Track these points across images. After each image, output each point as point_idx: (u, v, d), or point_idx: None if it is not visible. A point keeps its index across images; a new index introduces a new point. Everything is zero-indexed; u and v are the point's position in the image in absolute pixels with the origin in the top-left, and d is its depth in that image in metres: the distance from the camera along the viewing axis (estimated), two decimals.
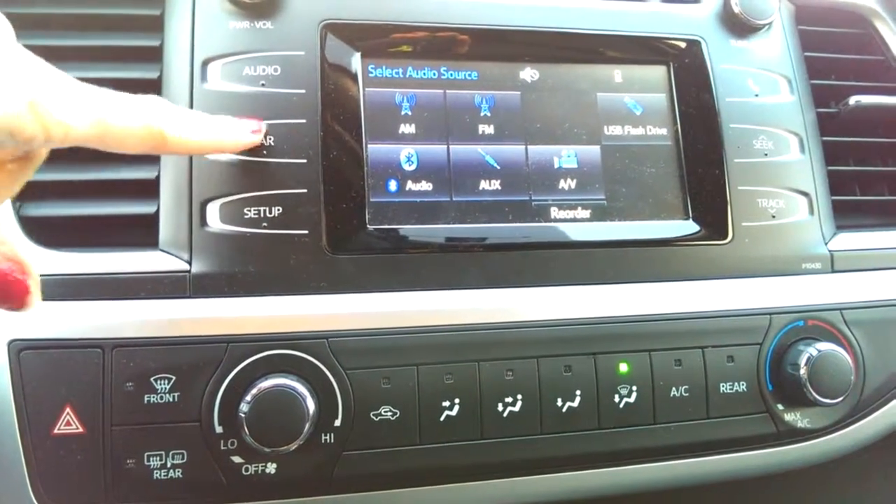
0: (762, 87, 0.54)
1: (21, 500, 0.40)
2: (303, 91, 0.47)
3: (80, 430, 0.40)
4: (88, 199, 0.45)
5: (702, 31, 0.54)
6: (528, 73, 0.52)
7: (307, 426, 0.40)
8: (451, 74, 0.50)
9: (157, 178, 0.45)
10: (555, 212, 0.49)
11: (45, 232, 0.44)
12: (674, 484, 0.47)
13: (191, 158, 0.45)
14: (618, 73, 0.53)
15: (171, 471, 0.40)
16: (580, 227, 0.49)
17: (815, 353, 0.47)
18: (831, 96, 0.58)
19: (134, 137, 0.33)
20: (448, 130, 0.49)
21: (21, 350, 0.40)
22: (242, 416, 0.39)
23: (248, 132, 0.42)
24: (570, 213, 0.49)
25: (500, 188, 0.49)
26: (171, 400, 0.40)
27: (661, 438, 0.46)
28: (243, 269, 0.44)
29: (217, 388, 0.41)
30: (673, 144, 0.52)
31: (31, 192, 0.44)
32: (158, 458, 0.40)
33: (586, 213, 0.49)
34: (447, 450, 0.43)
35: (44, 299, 0.42)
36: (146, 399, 0.40)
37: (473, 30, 0.51)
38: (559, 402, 0.44)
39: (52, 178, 0.45)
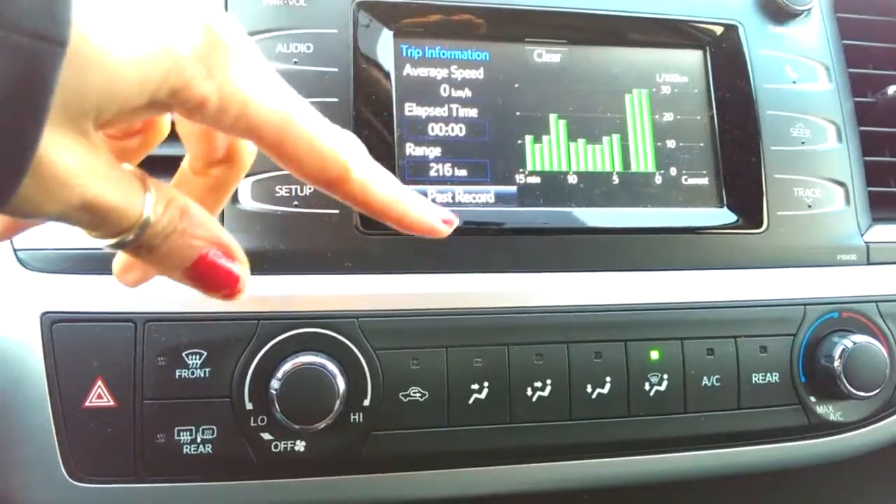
0: (800, 74, 0.53)
1: (51, 472, 0.40)
2: (335, 69, 0.46)
3: (112, 403, 0.40)
4: None
5: (739, 16, 0.53)
6: (563, 55, 0.51)
7: (337, 404, 0.40)
8: (485, 55, 0.50)
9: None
10: (588, 197, 0.48)
11: None
12: (703, 474, 0.47)
13: None
14: (652, 56, 0.52)
15: (201, 446, 0.40)
16: (613, 213, 0.48)
17: (849, 345, 0.46)
18: (869, 85, 0.57)
19: (315, 152, 0.26)
20: (483, 111, 0.49)
21: (54, 322, 0.40)
22: (274, 392, 0.39)
23: (439, 219, 0.32)
24: (603, 199, 0.48)
25: (534, 171, 0.48)
26: (202, 375, 0.40)
27: (692, 428, 0.45)
28: (274, 247, 0.43)
29: (248, 364, 0.41)
30: (708, 131, 0.51)
31: None
32: (188, 434, 0.40)
33: (619, 199, 0.49)
34: (475, 433, 0.43)
35: (78, 273, 0.43)
36: (177, 374, 0.40)
37: (509, 10, 0.50)
38: (589, 389, 0.44)
39: None
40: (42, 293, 0.41)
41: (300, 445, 0.41)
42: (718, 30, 0.52)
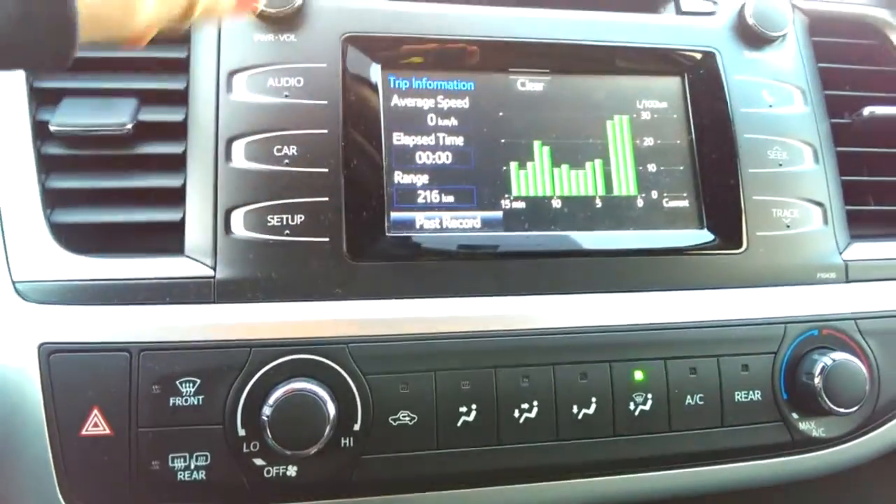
0: (776, 97, 0.55)
1: (48, 499, 0.41)
2: (325, 102, 0.48)
3: (108, 431, 0.41)
4: (118, 207, 0.46)
5: (716, 43, 0.55)
6: (546, 84, 0.52)
7: (327, 430, 0.41)
8: (470, 85, 0.52)
9: (184, 186, 0.47)
10: (572, 221, 0.50)
11: (74, 238, 0.45)
12: (688, 492, 0.47)
13: (216, 167, 0.47)
14: (632, 83, 0.53)
15: (195, 472, 0.41)
16: (595, 236, 0.49)
17: (829, 362, 0.47)
18: (845, 107, 0.59)
19: None
20: (469, 139, 0.50)
21: (51, 353, 0.41)
22: (265, 419, 0.40)
23: None
24: (587, 223, 0.50)
25: (519, 196, 0.50)
26: (195, 403, 0.41)
27: (676, 446, 0.46)
28: (266, 276, 0.45)
29: (240, 391, 0.42)
30: (688, 154, 0.52)
31: (62, 199, 0.46)
32: (182, 460, 0.41)
33: (603, 223, 0.50)
34: (464, 455, 0.44)
35: (74, 304, 0.44)
36: (171, 402, 0.41)
37: (492, 42, 0.52)
38: (574, 409, 0.45)
39: (83, 186, 0.46)
40: (39, 324, 0.42)
41: (292, 471, 0.42)
42: (696, 56, 0.54)
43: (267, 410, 0.40)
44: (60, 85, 0.48)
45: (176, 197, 0.47)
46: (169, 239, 0.46)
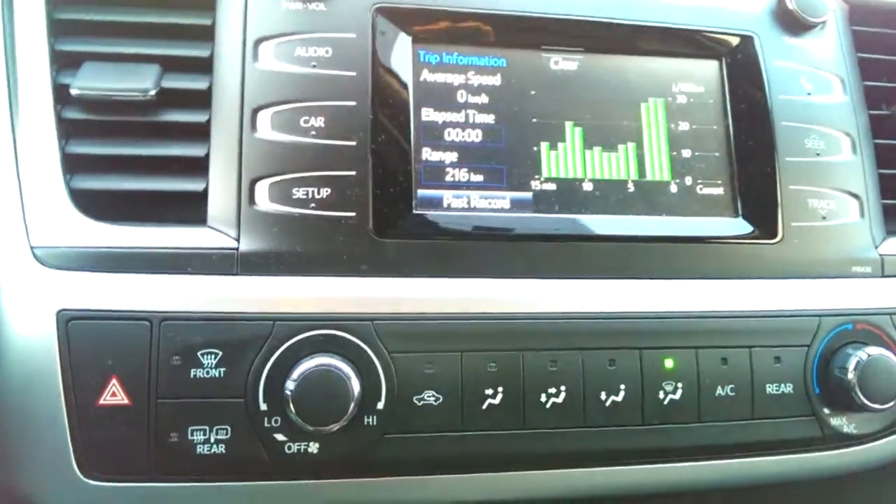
0: (815, 85, 0.53)
1: (64, 469, 0.40)
2: (353, 73, 0.47)
3: (126, 401, 0.40)
4: (139, 175, 0.45)
5: (755, 27, 0.53)
6: (579, 63, 0.51)
7: (351, 406, 0.40)
8: (502, 62, 0.50)
9: (207, 155, 0.46)
10: (603, 205, 0.48)
11: (95, 205, 0.44)
12: (716, 484, 0.46)
13: (241, 137, 0.46)
14: (668, 66, 0.52)
15: (214, 446, 0.40)
16: (627, 221, 0.48)
17: (864, 357, 0.46)
18: (884, 98, 0.57)
19: None
20: (499, 117, 0.49)
21: (70, 320, 0.40)
22: (289, 393, 0.39)
23: None
24: (618, 207, 0.48)
25: (549, 177, 0.48)
26: (216, 375, 0.40)
27: (705, 437, 0.45)
28: (290, 249, 0.43)
29: (263, 365, 0.41)
30: (724, 140, 0.51)
31: (83, 165, 0.45)
32: (202, 433, 0.40)
33: (634, 208, 0.49)
34: (488, 438, 0.43)
35: (94, 271, 0.43)
36: (192, 373, 0.40)
37: (526, 17, 0.50)
38: (603, 396, 0.44)
39: (103, 153, 0.45)
40: (58, 291, 0.41)
41: (314, 447, 0.41)
42: (734, 40, 0.53)
43: (290, 385, 0.39)
44: (82, 48, 0.47)
45: (199, 166, 0.45)
46: (191, 209, 0.45)
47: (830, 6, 0.54)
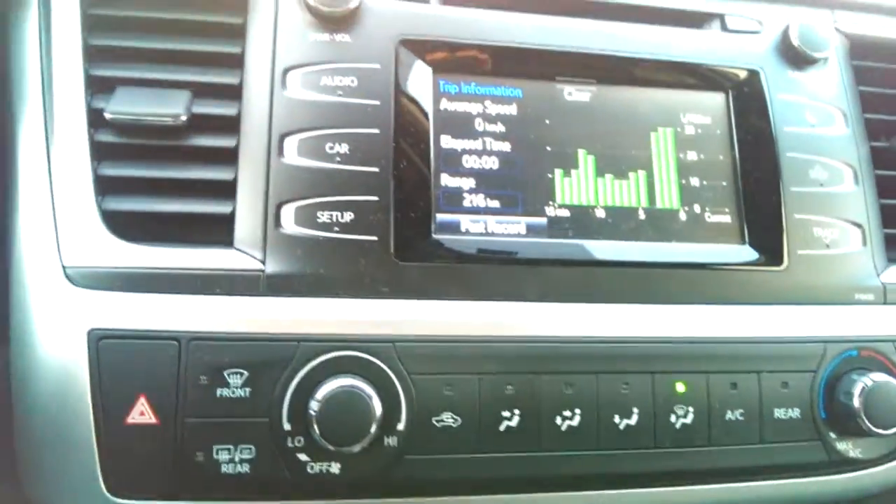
0: (818, 118, 0.55)
1: (91, 487, 0.41)
2: (377, 102, 0.48)
3: (153, 420, 0.41)
4: (169, 197, 0.47)
5: (761, 62, 0.55)
6: (592, 94, 0.53)
7: (373, 427, 0.41)
8: (518, 92, 0.52)
9: (235, 179, 0.47)
10: (615, 231, 0.50)
11: (125, 225, 0.45)
12: None
13: (268, 161, 0.47)
14: (677, 97, 0.54)
15: (239, 465, 0.41)
16: (638, 247, 0.50)
17: (869, 383, 0.47)
18: (883, 131, 0.59)
19: None
20: (515, 145, 0.51)
21: (100, 339, 0.41)
22: (313, 413, 0.40)
23: None
24: (630, 233, 0.50)
25: (563, 204, 0.50)
26: (242, 395, 0.41)
27: (715, 461, 0.46)
28: (314, 271, 0.45)
29: (287, 385, 0.42)
30: (731, 170, 0.53)
31: (114, 187, 0.47)
32: (227, 453, 0.41)
33: (645, 234, 0.50)
34: (506, 460, 0.44)
35: (124, 290, 0.44)
36: (219, 393, 0.41)
37: (541, 50, 0.52)
38: (616, 419, 0.45)
39: (135, 175, 0.47)
40: (89, 310, 0.42)
41: (335, 467, 0.42)
42: (741, 74, 0.55)
43: (314, 405, 0.40)
44: (116, 74, 0.49)
45: (227, 189, 0.47)
46: (218, 231, 0.46)
47: (832, 42, 0.57)
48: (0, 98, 0.50)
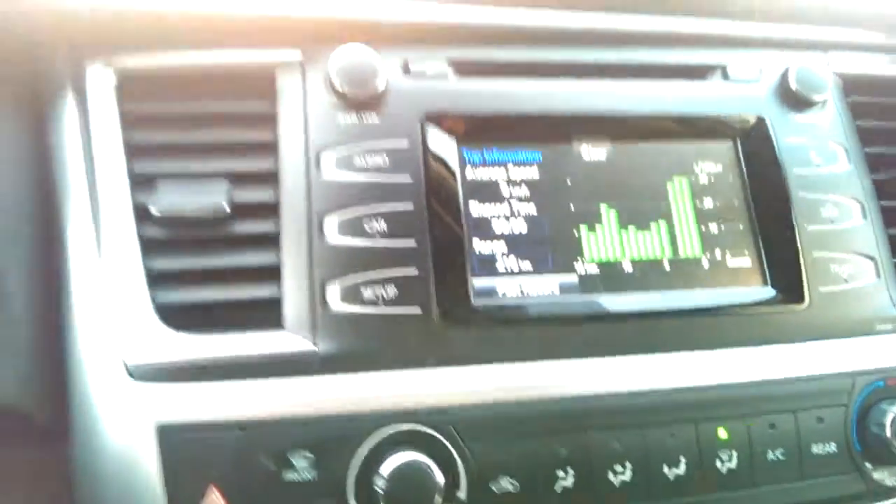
0: (823, 157, 0.58)
1: None
2: (409, 177, 0.51)
3: None
4: (217, 285, 0.49)
5: (764, 108, 0.58)
6: (608, 151, 0.56)
7: (437, 498, 0.42)
8: (537, 155, 0.55)
9: (279, 262, 0.49)
10: (644, 282, 0.52)
11: (177, 316, 0.47)
12: None
13: (310, 243, 0.49)
14: (689, 148, 0.57)
15: None
16: (668, 297, 0.52)
17: None
18: (883, 163, 0.62)
19: None
20: (540, 207, 0.53)
21: (167, 432, 0.43)
22: (380, 491, 0.42)
23: None
24: (657, 284, 0.52)
25: (591, 260, 0.52)
26: (309, 478, 0.43)
27: (763, 500, 0.48)
28: (364, 347, 0.47)
29: (351, 463, 0.43)
30: (746, 214, 0.56)
31: (165, 280, 0.48)
32: None
33: (673, 283, 0.53)
34: None
35: (184, 381, 0.45)
36: (286, 477, 0.42)
37: (557, 115, 0.55)
38: (665, 469, 0.47)
39: (183, 267, 0.49)
40: (153, 404, 0.44)
41: None
42: (746, 122, 0.58)
43: (380, 482, 0.42)
44: (156, 169, 0.51)
45: (272, 273, 0.49)
46: (267, 313, 0.48)
47: (830, 82, 0.60)
48: (34, 190, 0.52)
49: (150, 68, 0.53)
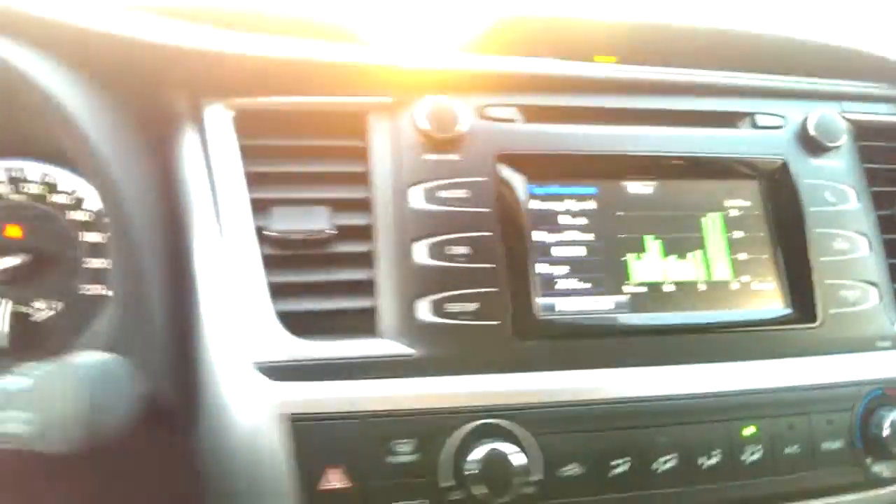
0: (836, 196, 0.67)
1: None
2: (487, 210, 0.60)
3: (341, 486, 0.51)
4: (323, 295, 0.57)
5: (786, 153, 0.68)
6: (654, 188, 0.65)
7: (516, 480, 0.51)
8: (594, 190, 0.63)
9: (374, 278, 0.58)
10: (682, 302, 0.61)
11: (294, 322, 0.56)
12: None
13: (401, 263, 0.58)
14: (722, 186, 0.66)
15: None
16: (703, 315, 0.61)
17: (895, 417, 0.59)
18: (886, 199, 0.71)
19: None
20: (595, 235, 0.62)
21: (293, 421, 0.52)
22: (470, 473, 0.51)
23: None
24: (694, 303, 0.62)
25: (638, 283, 0.61)
26: (411, 460, 0.51)
27: (779, 487, 0.58)
28: (451, 353, 0.56)
29: (444, 450, 0.52)
30: (770, 245, 0.65)
31: (283, 291, 0.57)
32: None
33: (707, 303, 0.62)
34: (619, 500, 0.55)
35: (305, 380, 0.54)
36: (392, 460, 0.51)
37: (610, 155, 0.64)
38: (700, 461, 0.56)
39: (296, 280, 0.57)
40: (280, 398, 0.52)
41: None
42: (771, 164, 0.67)
43: (471, 465, 0.51)
44: (271, 196, 0.59)
45: (370, 288, 0.58)
46: (363, 322, 0.57)
47: (844, 130, 0.69)
48: (166, 212, 0.60)
49: (262, 108, 0.62)
